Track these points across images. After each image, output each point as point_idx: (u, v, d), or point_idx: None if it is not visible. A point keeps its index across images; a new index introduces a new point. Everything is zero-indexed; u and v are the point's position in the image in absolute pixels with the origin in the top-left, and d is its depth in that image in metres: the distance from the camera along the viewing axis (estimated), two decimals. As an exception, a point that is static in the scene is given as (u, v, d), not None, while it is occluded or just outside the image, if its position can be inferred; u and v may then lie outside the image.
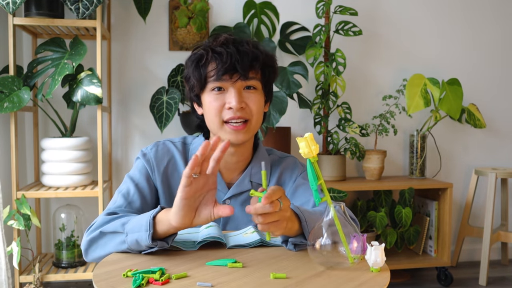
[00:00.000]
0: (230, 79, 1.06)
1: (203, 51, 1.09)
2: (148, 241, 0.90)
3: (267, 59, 1.11)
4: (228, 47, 1.06)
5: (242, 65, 1.05)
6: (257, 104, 1.09)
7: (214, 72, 1.06)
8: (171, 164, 1.17)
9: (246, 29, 2.56)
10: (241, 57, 1.05)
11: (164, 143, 1.19)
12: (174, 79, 2.47)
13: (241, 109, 1.07)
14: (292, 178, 1.21)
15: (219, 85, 1.07)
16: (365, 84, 2.84)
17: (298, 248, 0.98)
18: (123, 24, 2.58)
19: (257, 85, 1.10)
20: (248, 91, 1.09)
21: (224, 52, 1.05)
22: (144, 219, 0.92)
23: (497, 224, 2.95)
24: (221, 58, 1.05)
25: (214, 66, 1.07)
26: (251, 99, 1.09)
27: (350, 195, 2.79)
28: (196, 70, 1.09)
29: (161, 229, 0.92)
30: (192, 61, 1.10)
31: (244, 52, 1.06)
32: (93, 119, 2.54)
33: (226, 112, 1.07)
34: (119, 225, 0.96)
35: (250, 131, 1.10)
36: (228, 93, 1.07)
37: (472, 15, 2.93)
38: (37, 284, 2.12)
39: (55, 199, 2.54)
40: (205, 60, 1.08)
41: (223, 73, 1.05)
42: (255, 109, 1.09)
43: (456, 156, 2.98)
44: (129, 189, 1.12)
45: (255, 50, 1.08)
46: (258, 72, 1.10)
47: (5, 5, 1.93)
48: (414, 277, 2.68)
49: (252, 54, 1.07)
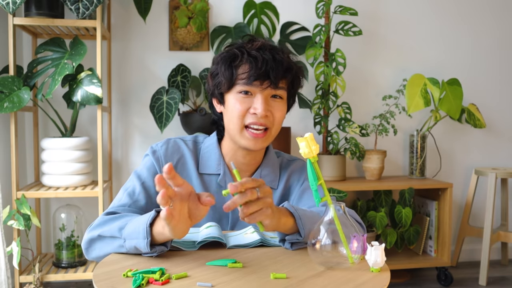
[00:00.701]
0: (260, 85, 1.06)
1: (238, 51, 1.08)
2: (147, 249, 0.90)
3: (299, 70, 1.12)
4: (264, 53, 1.06)
5: (275, 73, 1.05)
6: (280, 113, 1.10)
7: (245, 75, 1.06)
8: (180, 163, 1.16)
9: (246, 29, 2.56)
10: (276, 65, 1.05)
11: (175, 141, 1.18)
12: (174, 79, 2.47)
13: (265, 117, 1.07)
14: (300, 181, 1.21)
15: (247, 89, 1.07)
16: (365, 84, 2.84)
17: (295, 247, 0.99)
18: (123, 24, 2.58)
19: (283, 95, 1.10)
20: (274, 100, 1.09)
21: (260, 57, 1.05)
22: (141, 226, 0.91)
23: (497, 224, 2.95)
24: (256, 62, 1.05)
25: (247, 69, 1.06)
26: (276, 108, 1.09)
27: (350, 195, 2.79)
28: (227, 69, 1.08)
29: (159, 238, 0.91)
30: (224, 59, 1.09)
31: (280, 61, 1.06)
32: (93, 119, 2.54)
33: (249, 117, 1.07)
34: (116, 230, 0.95)
35: (269, 140, 1.11)
36: (255, 99, 1.07)
37: (472, 15, 2.93)
38: (37, 284, 2.12)
39: (55, 199, 2.54)
40: (239, 61, 1.07)
41: (255, 78, 1.05)
42: (278, 118, 1.09)
43: (456, 156, 2.98)
44: (135, 187, 1.12)
45: (290, 61, 1.09)
46: (287, 82, 1.10)
47: (5, 5, 1.93)
48: (414, 277, 2.68)
49: (286, 64, 1.07)
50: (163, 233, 0.89)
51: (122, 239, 0.93)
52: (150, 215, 0.92)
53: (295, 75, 1.11)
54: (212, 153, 1.17)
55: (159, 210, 0.94)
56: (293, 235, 0.98)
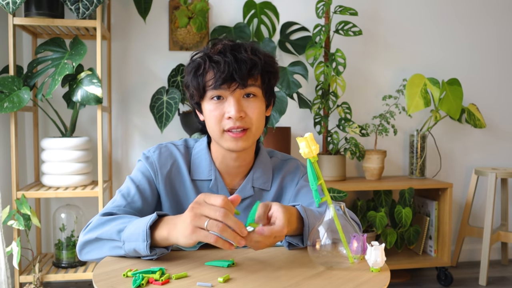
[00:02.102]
0: (228, 88, 1.04)
1: (201, 60, 1.07)
2: (147, 252, 0.89)
3: (266, 64, 1.09)
4: (225, 56, 1.04)
5: (240, 74, 1.03)
6: (256, 112, 1.07)
7: (212, 81, 1.05)
8: (174, 168, 1.15)
9: (246, 29, 2.56)
10: (239, 65, 1.03)
11: (166, 146, 1.18)
12: (174, 79, 2.47)
13: (240, 118, 1.05)
14: (294, 181, 1.20)
15: (218, 94, 1.06)
16: (365, 84, 2.84)
17: (291, 248, 0.99)
18: (123, 24, 2.58)
19: (257, 92, 1.08)
20: (248, 99, 1.07)
21: (222, 61, 1.03)
22: (140, 228, 0.90)
23: (497, 224, 2.95)
24: (218, 67, 1.03)
25: (212, 75, 1.05)
26: (250, 107, 1.07)
27: (350, 195, 2.79)
28: (194, 79, 1.07)
29: (162, 243, 0.91)
30: (190, 69, 1.09)
31: (242, 60, 1.03)
32: (93, 119, 2.54)
33: (226, 122, 1.06)
34: (114, 233, 0.94)
35: (250, 139, 1.09)
36: (227, 102, 1.06)
37: (472, 15, 2.93)
38: (37, 284, 2.12)
39: (55, 199, 2.54)
40: (202, 69, 1.06)
41: (221, 82, 1.03)
42: (254, 117, 1.07)
43: (456, 156, 2.98)
44: (130, 189, 1.11)
45: (254, 57, 1.05)
46: (257, 78, 1.08)
47: (5, 5, 1.93)
48: (414, 277, 2.68)
49: (250, 62, 1.04)
50: (168, 238, 0.89)
51: (121, 241, 0.92)
52: (150, 218, 0.91)
53: (264, 69, 1.08)
54: (203, 159, 1.16)
55: (160, 214, 0.94)
56: (294, 237, 0.98)
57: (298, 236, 0.98)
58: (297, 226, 0.96)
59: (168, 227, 0.90)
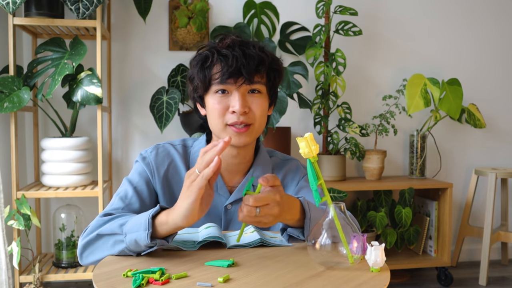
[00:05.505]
0: (234, 83, 1.05)
1: (209, 52, 1.07)
2: (147, 240, 0.89)
3: (273, 62, 1.10)
4: (234, 50, 1.04)
5: (247, 69, 1.03)
6: (260, 108, 1.08)
7: (218, 75, 1.05)
8: (171, 168, 1.15)
9: (246, 29, 2.56)
10: (247, 61, 1.03)
11: (164, 146, 1.18)
12: (174, 79, 2.47)
13: (244, 113, 1.05)
14: (295, 181, 1.20)
15: (223, 88, 1.06)
16: (365, 84, 2.84)
17: (292, 241, 0.99)
18: (123, 24, 2.58)
19: (262, 89, 1.09)
20: (253, 95, 1.07)
21: (230, 55, 1.04)
22: (142, 218, 0.91)
23: (497, 224, 2.95)
24: (226, 61, 1.04)
25: (219, 68, 1.05)
26: (255, 103, 1.07)
27: (350, 195, 2.79)
28: (200, 72, 1.07)
29: (163, 230, 0.91)
30: (197, 61, 1.08)
31: (250, 56, 1.04)
32: (93, 119, 2.54)
33: (229, 116, 1.06)
34: (116, 227, 0.95)
35: (253, 134, 1.09)
36: (232, 97, 1.06)
37: (472, 15, 2.93)
38: (37, 284, 2.12)
39: (55, 199, 2.54)
40: (210, 62, 1.06)
41: (228, 76, 1.03)
42: (258, 113, 1.08)
43: (456, 156, 2.98)
44: (127, 191, 1.11)
45: (262, 54, 1.07)
46: (263, 76, 1.08)
47: (5, 5, 1.93)
48: (414, 277, 2.68)
49: (258, 58, 1.05)
50: (167, 222, 0.89)
51: (122, 234, 0.93)
52: (153, 209, 0.92)
53: (270, 67, 1.09)
54: None
55: (163, 206, 0.95)
56: (295, 229, 0.98)
57: (299, 229, 0.98)
58: (299, 217, 0.96)
59: (167, 212, 0.91)
